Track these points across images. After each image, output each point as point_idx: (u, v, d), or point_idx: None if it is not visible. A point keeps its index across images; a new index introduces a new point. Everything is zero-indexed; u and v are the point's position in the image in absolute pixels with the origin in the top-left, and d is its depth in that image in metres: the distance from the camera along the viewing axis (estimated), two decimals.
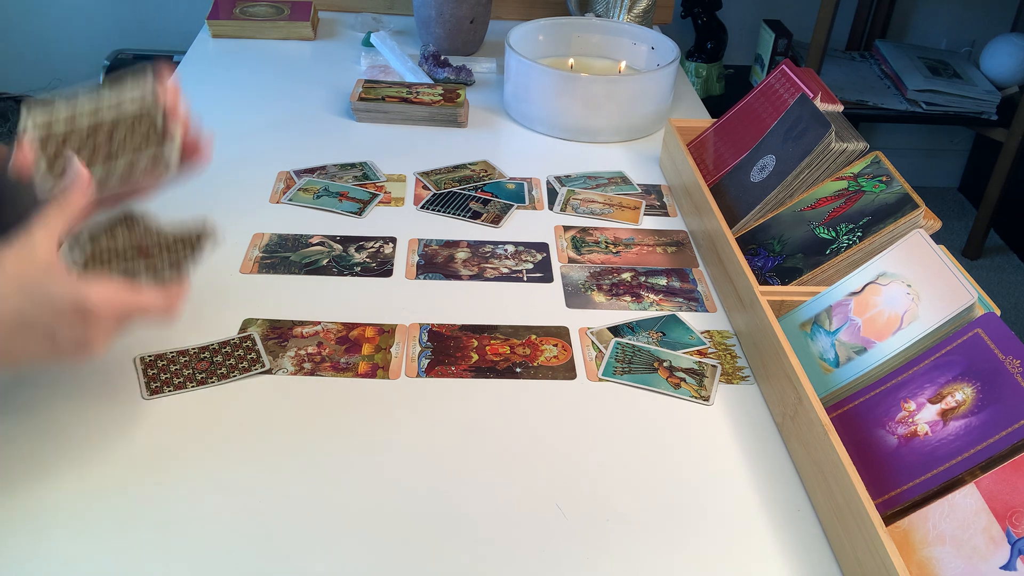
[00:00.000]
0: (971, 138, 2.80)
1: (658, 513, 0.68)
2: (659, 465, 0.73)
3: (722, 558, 0.65)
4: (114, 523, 0.64)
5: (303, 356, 0.82)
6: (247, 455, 0.71)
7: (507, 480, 0.71)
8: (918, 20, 2.60)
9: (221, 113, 1.27)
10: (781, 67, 1.10)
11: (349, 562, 0.63)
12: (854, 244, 0.88)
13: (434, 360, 0.82)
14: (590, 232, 1.05)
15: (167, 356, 0.80)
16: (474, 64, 1.46)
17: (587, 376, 0.82)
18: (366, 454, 0.72)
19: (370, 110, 1.27)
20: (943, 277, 0.73)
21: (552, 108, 1.25)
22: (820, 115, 0.96)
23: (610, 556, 0.65)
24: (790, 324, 0.83)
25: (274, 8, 1.57)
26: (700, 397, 0.80)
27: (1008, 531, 0.57)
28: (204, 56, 1.46)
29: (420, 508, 0.68)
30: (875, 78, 2.44)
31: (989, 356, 0.65)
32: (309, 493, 0.68)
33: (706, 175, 1.09)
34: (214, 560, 0.62)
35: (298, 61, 1.47)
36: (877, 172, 0.93)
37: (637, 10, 1.50)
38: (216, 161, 1.14)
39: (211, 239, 0.71)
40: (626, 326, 0.89)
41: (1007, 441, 0.61)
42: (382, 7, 1.67)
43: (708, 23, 2.31)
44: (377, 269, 0.95)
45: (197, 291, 0.89)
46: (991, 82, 2.40)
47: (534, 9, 1.67)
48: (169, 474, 0.69)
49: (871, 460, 0.67)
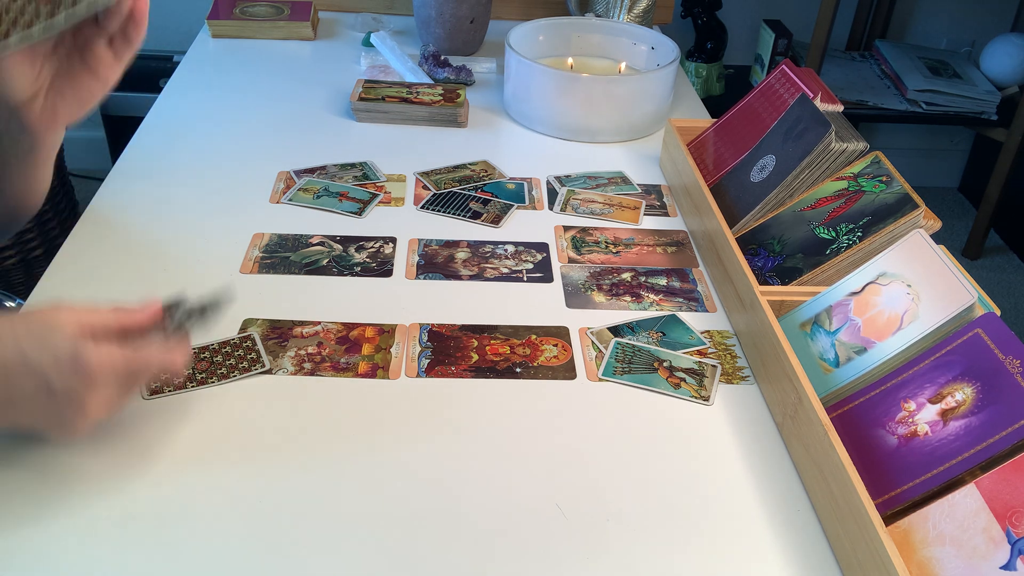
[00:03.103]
0: (971, 138, 2.80)
1: (658, 513, 0.68)
2: (659, 465, 0.73)
3: (722, 558, 0.65)
4: (114, 523, 0.64)
5: (303, 356, 0.82)
6: (247, 455, 0.71)
7: (507, 480, 0.71)
8: (918, 20, 2.60)
9: (221, 113, 1.27)
10: (781, 67, 1.10)
11: (349, 562, 0.63)
12: (854, 244, 0.88)
13: (434, 360, 0.82)
14: (590, 232, 1.05)
15: None
16: (474, 64, 1.46)
17: (587, 376, 0.82)
18: (366, 454, 0.72)
19: (370, 110, 1.27)
20: (943, 277, 0.73)
21: (552, 108, 1.25)
22: (820, 115, 0.96)
23: (610, 556, 0.65)
24: (790, 324, 0.83)
25: (274, 8, 1.57)
26: (700, 397, 0.80)
27: (1008, 531, 0.57)
28: (204, 56, 1.46)
29: (420, 508, 0.68)
30: (875, 78, 2.44)
31: (989, 356, 0.65)
32: (309, 493, 0.68)
33: (706, 175, 1.09)
34: (214, 560, 0.62)
35: (298, 61, 1.47)
36: (877, 172, 0.93)
37: (637, 10, 1.50)
38: (216, 161, 1.15)
39: (225, 304, 0.74)
40: (626, 326, 0.89)
41: (1007, 441, 0.61)
42: (382, 7, 1.67)
43: (708, 23, 2.31)
44: (377, 269, 0.95)
45: (197, 291, 0.89)
46: (991, 82, 2.40)
47: (534, 9, 1.67)
48: (169, 474, 0.69)
49: (871, 460, 0.67)
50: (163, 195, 1.06)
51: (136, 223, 1.00)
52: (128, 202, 1.04)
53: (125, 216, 1.01)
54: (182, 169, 1.12)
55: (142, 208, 1.03)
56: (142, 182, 1.08)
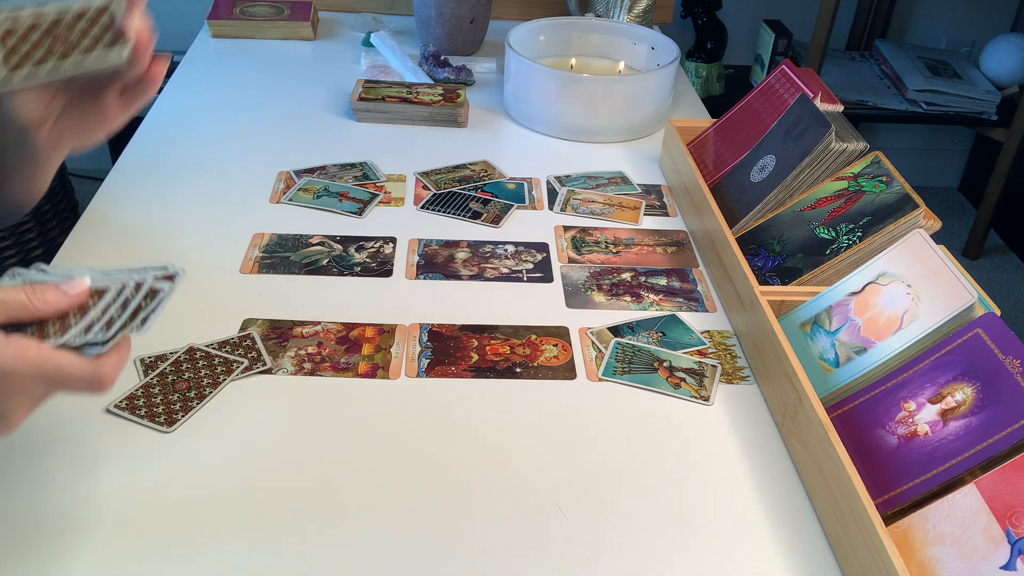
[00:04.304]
0: (971, 138, 2.80)
1: (658, 513, 0.68)
2: (659, 465, 0.73)
3: (722, 558, 0.65)
4: (113, 523, 0.64)
5: (303, 356, 0.82)
6: (246, 455, 0.71)
7: (507, 480, 0.71)
8: (918, 20, 2.60)
9: (221, 113, 1.27)
10: (781, 67, 1.10)
11: (349, 562, 0.63)
12: (854, 244, 0.88)
13: (434, 360, 0.82)
14: (590, 232, 1.05)
15: (167, 357, 0.80)
16: (474, 64, 1.46)
17: (587, 376, 0.82)
18: (366, 454, 0.72)
19: (370, 110, 1.27)
20: (943, 277, 0.73)
21: (552, 108, 1.25)
22: (820, 115, 0.96)
23: (610, 556, 0.65)
24: (790, 324, 0.83)
25: (274, 8, 1.57)
26: (700, 397, 0.80)
27: (1008, 531, 0.57)
28: (204, 56, 1.46)
29: (420, 508, 0.68)
30: (875, 78, 2.44)
31: (989, 356, 0.65)
32: (309, 492, 0.68)
33: (706, 175, 1.09)
34: (214, 559, 0.62)
35: (298, 61, 1.47)
36: (877, 172, 0.93)
37: (637, 10, 1.50)
38: (216, 161, 1.15)
39: (173, 291, 0.59)
40: (626, 326, 0.89)
41: (1007, 441, 0.61)
42: (382, 7, 1.67)
43: (708, 23, 2.31)
44: (377, 269, 0.95)
45: (197, 291, 0.89)
46: (991, 82, 2.40)
47: (534, 9, 1.67)
48: (168, 474, 0.69)
49: (871, 460, 0.67)
50: (163, 195, 1.06)
51: (136, 223, 1.00)
52: (128, 202, 1.04)
53: (125, 216, 1.01)
54: (182, 169, 1.12)
55: (142, 208, 1.03)
56: (142, 182, 1.08)
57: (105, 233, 0.98)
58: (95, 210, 1.02)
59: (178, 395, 0.76)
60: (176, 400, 0.75)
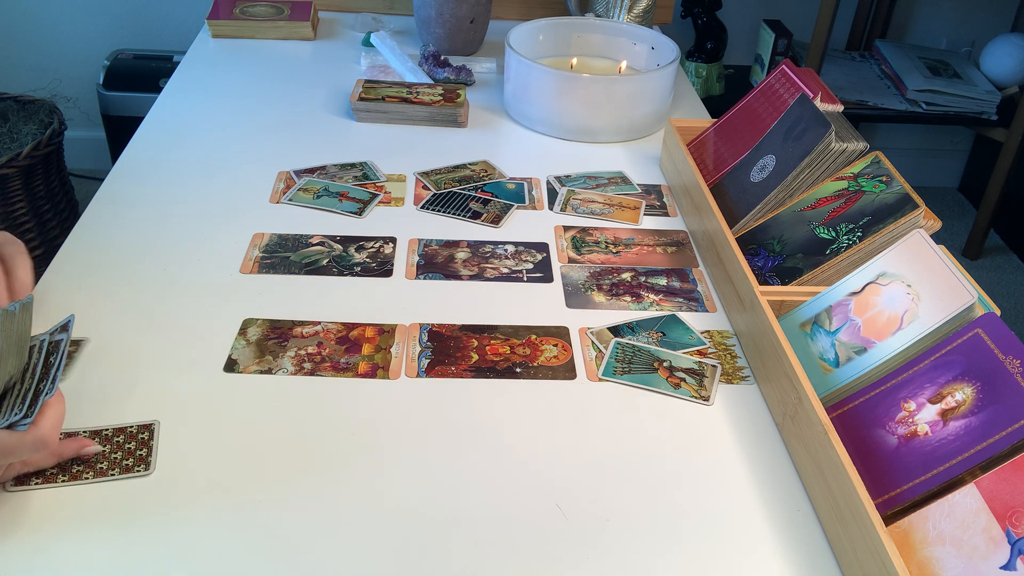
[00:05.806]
0: (971, 138, 2.80)
1: (658, 513, 0.68)
2: (659, 465, 0.73)
3: (722, 558, 0.65)
4: (113, 522, 0.64)
5: (303, 356, 0.82)
6: (246, 455, 0.71)
7: (507, 480, 0.71)
8: (918, 20, 2.60)
9: (221, 113, 1.27)
10: (781, 67, 1.10)
11: (349, 562, 0.63)
12: (854, 244, 0.88)
13: (434, 360, 0.82)
14: (590, 232, 1.05)
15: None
16: (474, 64, 1.46)
17: (587, 376, 0.82)
18: (366, 454, 0.72)
19: (370, 110, 1.27)
20: (943, 277, 0.73)
21: (552, 108, 1.25)
22: (820, 115, 0.96)
23: (610, 556, 0.65)
24: (790, 324, 0.83)
25: (274, 8, 1.57)
26: (700, 397, 0.80)
27: (1008, 531, 0.57)
28: (204, 56, 1.46)
29: (420, 508, 0.68)
30: (875, 78, 2.44)
31: (989, 356, 0.65)
32: (308, 493, 0.68)
33: (706, 175, 1.09)
34: (213, 559, 0.62)
35: (298, 61, 1.47)
36: (877, 172, 0.93)
37: (637, 10, 1.50)
38: (216, 161, 1.15)
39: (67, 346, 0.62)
40: (626, 326, 0.89)
41: (1007, 441, 0.61)
42: (382, 7, 1.67)
43: (708, 23, 2.31)
44: (377, 269, 0.95)
45: (197, 291, 0.89)
46: (991, 82, 2.40)
47: (534, 9, 1.67)
48: (168, 474, 0.69)
49: (871, 460, 0.67)
50: (163, 195, 1.06)
51: (136, 223, 1.00)
52: (128, 202, 1.04)
53: (125, 216, 1.01)
54: (182, 169, 1.12)
55: (142, 208, 1.03)
56: (142, 182, 1.08)
57: (105, 233, 0.98)
58: (95, 210, 1.02)
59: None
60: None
